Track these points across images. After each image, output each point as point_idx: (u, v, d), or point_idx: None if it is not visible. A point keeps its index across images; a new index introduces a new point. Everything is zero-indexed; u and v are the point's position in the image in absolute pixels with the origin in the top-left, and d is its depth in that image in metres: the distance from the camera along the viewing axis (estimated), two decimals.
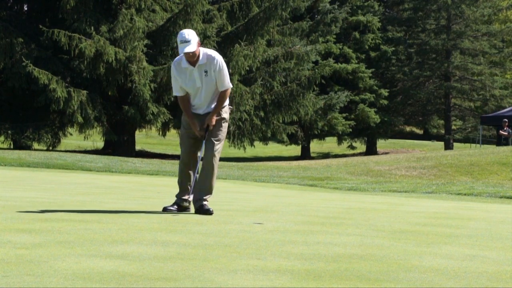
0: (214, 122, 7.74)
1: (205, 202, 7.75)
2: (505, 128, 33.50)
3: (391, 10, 55.08)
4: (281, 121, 33.21)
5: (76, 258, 4.60)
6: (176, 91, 7.85)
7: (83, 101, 28.89)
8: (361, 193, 15.11)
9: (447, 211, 10.11)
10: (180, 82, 7.72)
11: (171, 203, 7.95)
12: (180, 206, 7.88)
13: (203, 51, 7.67)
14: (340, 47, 44.30)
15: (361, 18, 45.20)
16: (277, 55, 32.72)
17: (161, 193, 11.49)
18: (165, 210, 7.82)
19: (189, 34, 7.53)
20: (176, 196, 7.94)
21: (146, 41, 30.06)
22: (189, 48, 7.49)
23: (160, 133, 34.55)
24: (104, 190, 11.75)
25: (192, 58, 7.59)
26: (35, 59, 29.07)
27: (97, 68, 29.05)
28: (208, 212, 7.64)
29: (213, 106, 7.77)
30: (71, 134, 34.88)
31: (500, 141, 33.43)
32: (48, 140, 31.76)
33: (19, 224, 6.23)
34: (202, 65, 7.65)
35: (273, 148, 47.59)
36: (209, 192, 7.80)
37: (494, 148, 27.49)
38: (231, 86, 7.95)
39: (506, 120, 34.17)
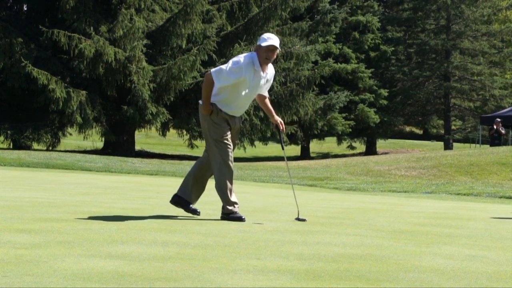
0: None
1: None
2: (497, 128, 33.48)
3: (390, 10, 55.06)
4: None
5: (75, 258, 4.60)
6: (225, 81, 7.19)
7: (82, 101, 28.89)
8: (361, 193, 15.11)
9: (446, 211, 10.11)
10: (239, 79, 7.21)
11: (240, 215, 7.35)
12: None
13: None
14: (340, 47, 44.29)
15: (360, 18, 45.18)
16: (277, 55, 32.71)
17: (160, 193, 11.49)
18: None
19: (276, 37, 7.40)
20: (236, 205, 7.39)
21: (145, 41, 30.05)
22: (276, 42, 7.28)
23: (160, 133, 34.55)
24: (103, 190, 11.75)
25: (271, 57, 7.32)
26: (35, 59, 29.07)
27: (96, 68, 29.04)
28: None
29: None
30: (70, 134, 34.88)
31: (494, 141, 33.45)
32: (47, 140, 31.76)
33: (19, 224, 6.23)
34: (267, 73, 7.48)
35: (273, 148, 47.58)
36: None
37: (494, 148, 27.47)
38: None
39: (499, 120, 34.23)
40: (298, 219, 7.53)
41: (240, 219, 7.25)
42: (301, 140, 40.86)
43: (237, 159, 35.39)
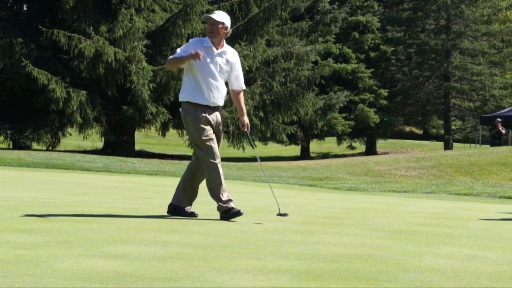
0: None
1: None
2: (498, 127, 33.63)
3: (390, 10, 55.07)
4: (280, 121, 33.20)
5: (75, 258, 4.60)
6: (178, 54, 7.31)
7: (82, 101, 28.89)
8: (361, 193, 15.11)
9: (446, 211, 10.11)
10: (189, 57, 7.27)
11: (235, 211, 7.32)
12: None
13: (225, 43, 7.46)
14: (340, 47, 44.29)
15: (360, 18, 45.18)
16: (277, 55, 32.70)
17: (160, 193, 11.49)
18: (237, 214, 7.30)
19: (221, 12, 7.41)
20: (231, 201, 7.37)
21: (145, 41, 30.04)
22: (212, 14, 7.31)
23: (160, 133, 34.56)
24: (103, 190, 11.75)
25: (212, 30, 7.27)
26: (35, 59, 29.07)
27: (96, 68, 29.04)
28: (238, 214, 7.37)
29: (221, 102, 7.40)
30: (70, 134, 34.89)
31: (494, 141, 33.54)
32: (47, 140, 31.76)
33: (19, 224, 6.23)
34: (224, 52, 7.37)
35: (273, 148, 47.59)
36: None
37: (494, 148, 27.48)
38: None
39: (500, 120, 34.35)
40: (280, 214, 7.58)
41: (238, 213, 7.25)
42: (301, 140, 40.86)
43: (237, 159, 35.41)
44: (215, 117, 7.39)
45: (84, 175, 17.24)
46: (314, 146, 49.60)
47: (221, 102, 7.42)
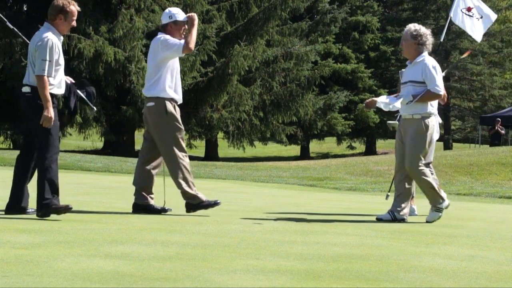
0: None
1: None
2: (499, 128, 33.75)
3: (390, 10, 55.09)
4: (280, 121, 33.19)
5: (75, 258, 4.60)
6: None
7: None
8: (360, 193, 15.11)
9: (446, 211, 10.10)
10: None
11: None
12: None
13: None
14: (340, 47, 44.28)
15: (360, 18, 45.18)
16: (277, 55, 32.69)
17: (160, 193, 11.48)
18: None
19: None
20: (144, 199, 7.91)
21: (145, 41, 30.03)
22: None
23: None
24: (103, 190, 11.75)
25: (183, 31, 7.97)
26: None
27: (96, 68, 29.02)
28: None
29: None
30: (70, 134, 34.89)
31: (493, 141, 33.61)
32: None
33: (19, 224, 6.24)
34: None
35: (273, 148, 47.58)
36: None
37: (494, 148, 27.46)
38: None
39: (499, 120, 34.50)
40: (163, 208, 7.94)
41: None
42: (301, 140, 40.86)
43: (236, 159, 35.35)
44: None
45: (84, 175, 17.23)
46: (314, 146, 49.59)
47: None
